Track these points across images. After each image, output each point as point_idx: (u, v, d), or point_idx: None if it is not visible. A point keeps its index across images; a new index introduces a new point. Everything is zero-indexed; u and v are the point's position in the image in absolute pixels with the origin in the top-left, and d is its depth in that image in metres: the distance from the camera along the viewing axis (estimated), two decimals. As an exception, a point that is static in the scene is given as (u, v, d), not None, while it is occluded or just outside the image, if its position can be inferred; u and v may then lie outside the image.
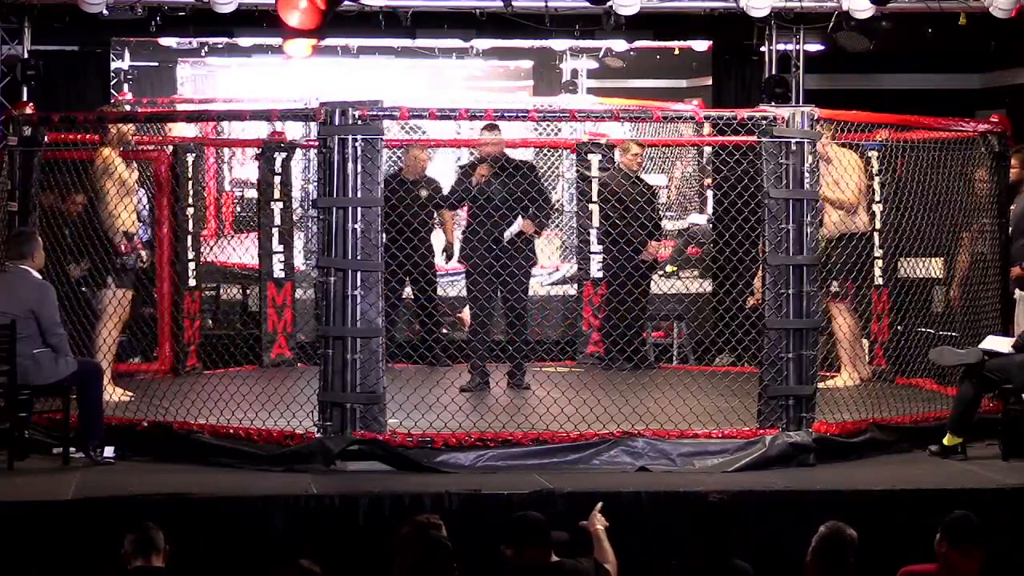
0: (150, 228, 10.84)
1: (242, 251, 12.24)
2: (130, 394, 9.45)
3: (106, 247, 9.49)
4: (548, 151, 13.33)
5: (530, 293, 11.85)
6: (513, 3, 11.75)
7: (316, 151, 8.79)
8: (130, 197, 9.70)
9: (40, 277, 8.38)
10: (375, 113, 8.21)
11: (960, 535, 5.66)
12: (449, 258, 11.70)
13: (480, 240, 10.17)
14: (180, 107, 15.03)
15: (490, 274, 10.04)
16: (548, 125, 12.85)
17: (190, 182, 11.01)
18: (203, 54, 16.97)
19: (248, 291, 12.20)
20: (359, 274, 8.12)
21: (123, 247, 9.61)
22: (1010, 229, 9.67)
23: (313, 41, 12.84)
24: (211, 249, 12.33)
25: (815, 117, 8.45)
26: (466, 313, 10.40)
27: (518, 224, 10.16)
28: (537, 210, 10.27)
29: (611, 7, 11.55)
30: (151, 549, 5.56)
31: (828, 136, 9.47)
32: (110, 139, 9.62)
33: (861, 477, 8.01)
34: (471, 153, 13.00)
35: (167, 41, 14.64)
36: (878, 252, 10.42)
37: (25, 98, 11.38)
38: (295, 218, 12.16)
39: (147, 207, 10.74)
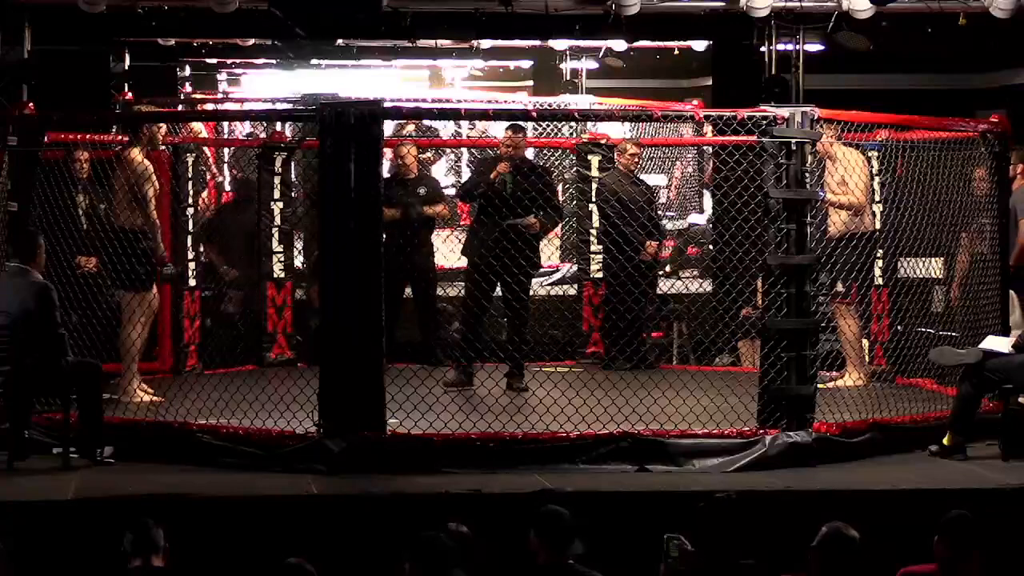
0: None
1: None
2: (157, 396, 9.46)
3: (140, 243, 9.50)
4: (548, 151, 13.33)
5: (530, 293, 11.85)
6: (513, 4, 11.75)
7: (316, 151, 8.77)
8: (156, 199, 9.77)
9: (41, 277, 8.39)
10: (374, 112, 8.21)
11: (958, 535, 5.66)
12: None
13: (485, 238, 10.16)
14: (181, 107, 15.01)
15: (492, 271, 10.04)
16: (548, 125, 12.85)
17: (190, 182, 11.01)
18: (203, 54, 16.97)
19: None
20: (359, 273, 8.13)
21: (166, 256, 9.68)
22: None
23: None
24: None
25: (815, 117, 8.46)
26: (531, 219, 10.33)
27: (528, 219, 10.16)
28: (547, 215, 10.30)
29: (611, 7, 11.55)
30: (151, 549, 5.55)
31: (834, 135, 9.50)
32: (141, 140, 9.64)
33: (861, 477, 8.02)
34: (481, 151, 12.99)
35: (167, 41, 14.62)
36: (878, 252, 10.42)
37: (25, 98, 11.37)
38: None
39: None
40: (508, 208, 10.12)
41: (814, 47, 13.07)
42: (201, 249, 11.32)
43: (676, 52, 16.26)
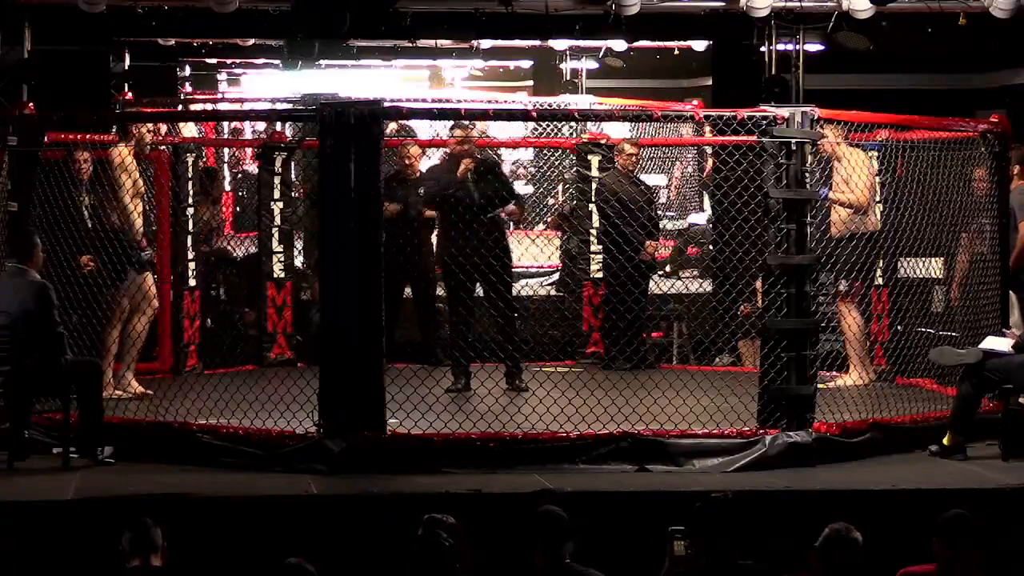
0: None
1: (242, 251, 12.30)
2: (148, 391, 9.44)
3: (121, 240, 9.50)
4: (548, 151, 13.34)
5: (529, 293, 11.86)
6: (513, 4, 11.75)
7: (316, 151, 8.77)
8: (140, 200, 9.76)
9: (39, 277, 8.39)
10: (375, 112, 8.21)
11: (956, 534, 5.66)
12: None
13: (455, 240, 10.14)
14: (181, 107, 15.02)
15: (464, 271, 10.00)
16: (548, 125, 12.86)
17: (190, 182, 11.01)
18: (203, 54, 16.97)
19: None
20: (359, 273, 8.12)
21: (143, 241, 9.70)
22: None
23: None
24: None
25: (815, 117, 8.46)
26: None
27: (508, 207, 10.14)
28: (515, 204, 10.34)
29: (611, 7, 11.55)
30: (149, 548, 5.54)
31: (839, 135, 9.49)
32: (129, 139, 9.65)
33: (861, 477, 8.02)
34: (482, 151, 12.99)
35: (167, 41, 14.63)
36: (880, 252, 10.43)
37: (25, 98, 11.38)
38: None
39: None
40: (477, 205, 10.10)
41: (814, 47, 13.07)
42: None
43: (676, 52, 16.27)
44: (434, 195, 10.61)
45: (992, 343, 8.80)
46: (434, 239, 11.74)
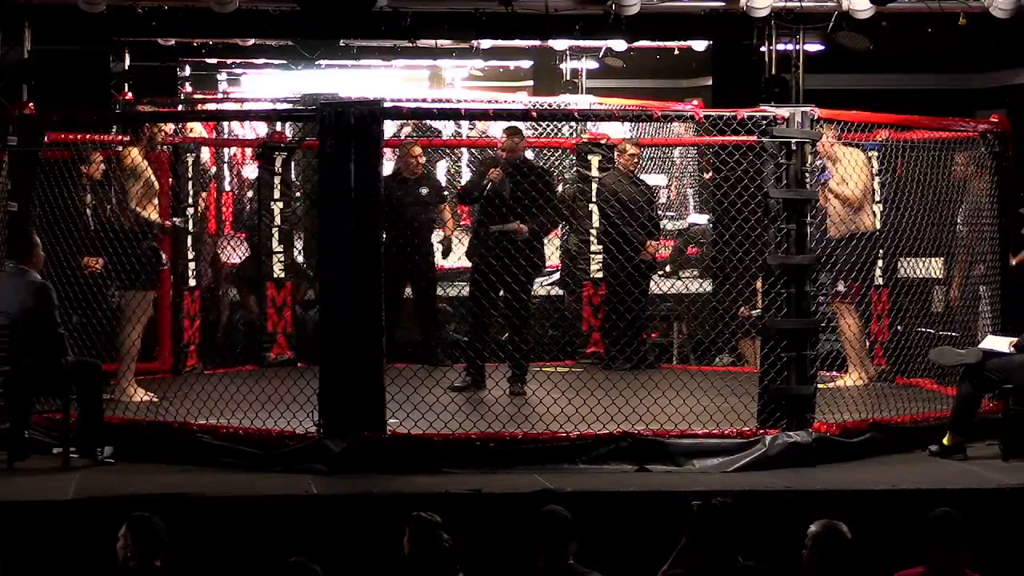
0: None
1: (242, 251, 12.31)
2: (154, 396, 9.43)
3: (134, 245, 9.50)
4: (548, 151, 13.34)
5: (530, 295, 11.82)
6: (513, 4, 11.75)
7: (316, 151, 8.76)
8: (157, 198, 9.77)
9: (39, 277, 8.39)
10: (374, 112, 8.21)
11: (945, 533, 5.67)
12: (446, 254, 11.76)
13: (485, 239, 10.13)
14: (181, 107, 15.03)
15: (493, 272, 9.96)
16: (548, 125, 12.86)
17: (190, 182, 11.01)
18: (203, 54, 16.98)
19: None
20: (359, 273, 8.13)
21: (158, 238, 9.72)
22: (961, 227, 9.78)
23: None
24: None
25: (815, 117, 8.47)
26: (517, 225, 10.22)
27: (514, 225, 10.11)
28: (544, 216, 10.20)
29: (611, 7, 11.55)
30: (149, 548, 5.54)
31: (834, 135, 9.50)
32: (140, 140, 9.66)
33: (861, 477, 8.02)
34: (481, 151, 12.97)
35: (167, 41, 14.64)
36: (878, 252, 10.42)
37: (25, 98, 11.38)
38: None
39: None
40: (507, 210, 10.08)
41: (814, 47, 13.06)
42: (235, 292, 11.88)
43: (676, 52, 16.26)
44: (465, 192, 10.68)
45: (992, 343, 8.80)
46: (435, 239, 11.75)
